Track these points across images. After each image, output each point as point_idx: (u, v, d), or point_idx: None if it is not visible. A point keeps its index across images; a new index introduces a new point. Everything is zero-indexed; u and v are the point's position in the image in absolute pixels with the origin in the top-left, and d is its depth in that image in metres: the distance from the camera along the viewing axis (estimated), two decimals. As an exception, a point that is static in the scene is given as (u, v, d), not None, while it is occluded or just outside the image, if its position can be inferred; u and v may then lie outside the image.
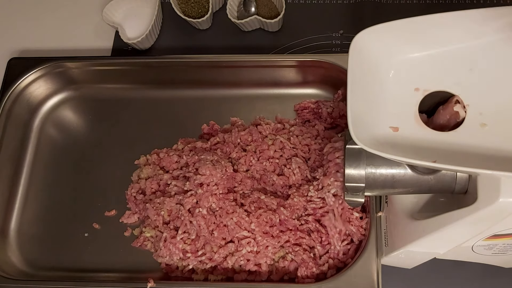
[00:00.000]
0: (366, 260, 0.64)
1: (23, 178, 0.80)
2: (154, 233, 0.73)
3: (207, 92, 0.83)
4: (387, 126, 0.47)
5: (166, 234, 0.71)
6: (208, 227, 0.70)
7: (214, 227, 0.70)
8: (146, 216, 0.74)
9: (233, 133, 0.77)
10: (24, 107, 0.81)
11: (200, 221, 0.70)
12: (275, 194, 0.73)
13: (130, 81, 0.84)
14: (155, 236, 0.73)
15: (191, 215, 0.70)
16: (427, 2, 0.88)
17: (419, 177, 0.52)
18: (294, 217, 0.70)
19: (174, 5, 0.86)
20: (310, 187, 0.69)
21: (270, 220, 0.69)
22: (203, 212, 0.70)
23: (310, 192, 0.69)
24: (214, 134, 0.80)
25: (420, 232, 0.55)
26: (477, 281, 0.69)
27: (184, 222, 0.71)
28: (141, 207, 0.76)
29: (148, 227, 0.74)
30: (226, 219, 0.69)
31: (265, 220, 0.69)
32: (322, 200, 0.68)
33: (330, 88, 0.80)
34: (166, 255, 0.71)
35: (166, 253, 0.71)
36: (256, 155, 0.76)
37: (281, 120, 0.80)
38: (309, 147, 0.75)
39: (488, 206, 0.46)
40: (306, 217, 0.70)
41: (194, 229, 0.70)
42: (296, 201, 0.70)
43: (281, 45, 0.86)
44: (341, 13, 0.88)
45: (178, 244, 0.70)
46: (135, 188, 0.77)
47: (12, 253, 0.75)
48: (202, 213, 0.70)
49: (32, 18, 0.94)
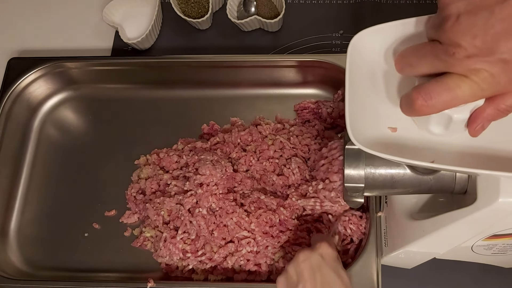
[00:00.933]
0: (366, 260, 0.64)
1: (23, 178, 0.80)
2: (154, 233, 0.73)
3: (207, 92, 0.83)
4: (386, 126, 0.47)
5: (166, 234, 0.71)
6: (208, 227, 0.70)
7: (214, 227, 0.70)
8: (146, 216, 0.74)
9: (233, 133, 0.77)
10: (24, 107, 0.81)
11: (200, 221, 0.70)
12: (275, 194, 0.73)
13: (130, 81, 0.84)
14: (155, 236, 0.73)
15: (191, 215, 0.70)
16: (427, 2, 0.88)
17: (418, 178, 0.52)
18: (293, 217, 0.70)
19: (174, 5, 0.86)
20: (309, 187, 0.69)
21: (270, 220, 0.69)
22: (203, 212, 0.70)
23: (309, 192, 0.69)
24: (214, 134, 0.80)
25: (420, 232, 0.55)
26: (477, 281, 0.69)
27: (184, 222, 0.71)
28: (141, 207, 0.76)
29: (148, 227, 0.74)
30: (226, 219, 0.69)
31: (264, 220, 0.69)
32: (320, 200, 0.68)
33: (330, 88, 0.80)
34: (166, 255, 0.71)
35: (166, 253, 0.71)
36: (256, 155, 0.76)
37: (281, 120, 0.80)
38: (309, 147, 0.75)
39: (488, 206, 0.46)
40: (305, 217, 0.70)
41: (194, 229, 0.70)
42: (295, 201, 0.70)
43: (281, 45, 0.86)
44: (341, 13, 0.88)
45: (178, 244, 0.70)
46: (135, 188, 0.77)
47: (12, 253, 0.75)
48: (202, 213, 0.70)
49: (32, 18, 0.94)
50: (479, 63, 0.37)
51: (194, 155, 0.75)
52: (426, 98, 0.40)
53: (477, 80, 0.38)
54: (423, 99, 0.40)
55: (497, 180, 0.45)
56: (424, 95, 0.40)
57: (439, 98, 0.40)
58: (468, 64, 0.38)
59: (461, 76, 0.38)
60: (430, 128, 0.46)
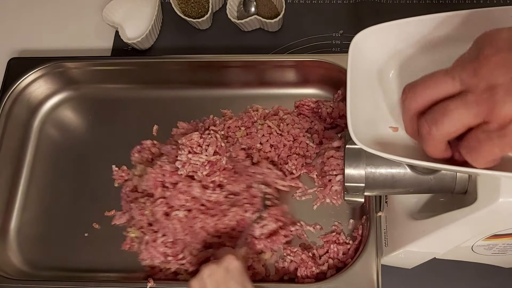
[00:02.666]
0: (366, 260, 0.64)
1: (23, 178, 0.80)
2: (139, 234, 0.73)
3: (207, 92, 0.83)
4: (387, 126, 0.47)
5: (148, 237, 0.71)
6: (183, 231, 0.69)
7: (189, 231, 0.69)
8: (132, 216, 0.74)
9: (220, 123, 0.77)
10: (24, 107, 0.81)
11: (176, 224, 0.69)
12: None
13: (130, 81, 0.84)
14: (140, 237, 0.73)
15: (168, 217, 0.70)
16: (427, 2, 0.88)
17: (419, 177, 0.52)
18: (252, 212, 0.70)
19: (174, 5, 0.86)
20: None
21: (236, 225, 0.70)
22: (179, 215, 0.69)
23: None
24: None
25: (420, 232, 0.55)
26: (477, 281, 0.69)
27: (162, 225, 0.70)
28: (128, 207, 0.75)
29: (133, 227, 0.74)
30: (194, 223, 0.69)
31: (223, 226, 0.69)
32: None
33: (330, 88, 0.80)
34: (148, 258, 0.71)
35: (147, 256, 0.70)
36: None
37: (278, 108, 0.80)
38: (296, 138, 0.75)
39: (488, 206, 0.46)
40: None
41: (171, 233, 0.70)
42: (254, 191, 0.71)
43: (281, 45, 0.86)
44: (341, 13, 0.88)
45: (159, 248, 0.70)
46: (129, 187, 0.77)
47: (12, 253, 0.75)
48: (178, 216, 0.69)
49: (32, 18, 0.94)
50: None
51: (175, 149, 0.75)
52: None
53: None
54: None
55: (497, 180, 0.45)
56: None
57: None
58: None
59: None
60: None
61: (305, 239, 0.72)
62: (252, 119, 0.78)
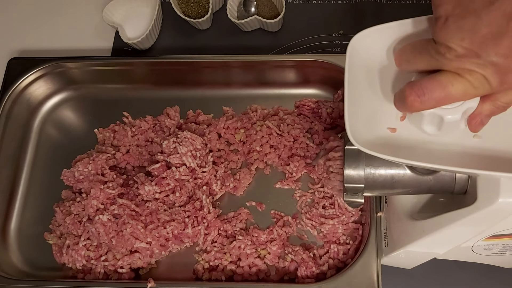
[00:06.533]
0: (366, 260, 0.64)
1: (23, 178, 0.80)
2: (57, 241, 0.73)
3: (207, 92, 0.83)
4: (385, 127, 0.47)
5: (69, 241, 0.71)
6: (107, 235, 0.69)
7: (114, 234, 0.69)
8: (54, 220, 0.75)
9: (220, 121, 0.77)
10: (24, 107, 0.81)
11: (99, 228, 0.69)
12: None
13: (130, 81, 0.84)
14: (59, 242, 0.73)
15: (91, 221, 0.70)
16: (428, 2, 0.88)
17: (418, 178, 0.52)
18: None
19: (174, 5, 0.86)
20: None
21: (166, 234, 0.69)
22: (103, 219, 0.69)
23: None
24: (198, 122, 0.80)
25: (420, 232, 0.55)
26: (477, 281, 0.69)
27: (86, 229, 0.70)
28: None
29: (53, 233, 0.74)
30: (123, 228, 0.69)
31: (157, 235, 0.69)
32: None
33: (330, 88, 0.80)
34: (69, 262, 0.71)
35: (69, 260, 0.71)
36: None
37: (278, 108, 0.80)
38: (296, 139, 0.75)
39: (488, 207, 0.46)
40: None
41: (95, 237, 0.70)
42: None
43: (281, 45, 0.86)
44: (341, 13, 0.88)
45: (80, 251, 0.70)
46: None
47: (12, 253, 0.75)
48: (102, 220, 0.69)
49: (32, 18, 0.94)
50: (468, 64, 0.37)
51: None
52: (419, 94, 0.40)
53: (470, 78, 0.38)
54: (416, 94, 0.40)
55: (497, 180, 0.45)
56: (417, 91, 0.40)
57: (431, 94, 0.40)
58: (459, 64, 0.38)
59: (455, 74, 0.39)
60: (422, 127, 0.46)
61: (305, 239, 0.72)
62: (251, 120, 0.78)
